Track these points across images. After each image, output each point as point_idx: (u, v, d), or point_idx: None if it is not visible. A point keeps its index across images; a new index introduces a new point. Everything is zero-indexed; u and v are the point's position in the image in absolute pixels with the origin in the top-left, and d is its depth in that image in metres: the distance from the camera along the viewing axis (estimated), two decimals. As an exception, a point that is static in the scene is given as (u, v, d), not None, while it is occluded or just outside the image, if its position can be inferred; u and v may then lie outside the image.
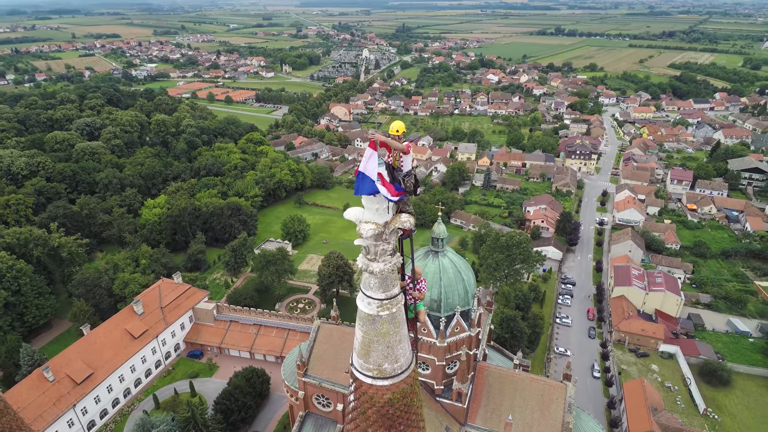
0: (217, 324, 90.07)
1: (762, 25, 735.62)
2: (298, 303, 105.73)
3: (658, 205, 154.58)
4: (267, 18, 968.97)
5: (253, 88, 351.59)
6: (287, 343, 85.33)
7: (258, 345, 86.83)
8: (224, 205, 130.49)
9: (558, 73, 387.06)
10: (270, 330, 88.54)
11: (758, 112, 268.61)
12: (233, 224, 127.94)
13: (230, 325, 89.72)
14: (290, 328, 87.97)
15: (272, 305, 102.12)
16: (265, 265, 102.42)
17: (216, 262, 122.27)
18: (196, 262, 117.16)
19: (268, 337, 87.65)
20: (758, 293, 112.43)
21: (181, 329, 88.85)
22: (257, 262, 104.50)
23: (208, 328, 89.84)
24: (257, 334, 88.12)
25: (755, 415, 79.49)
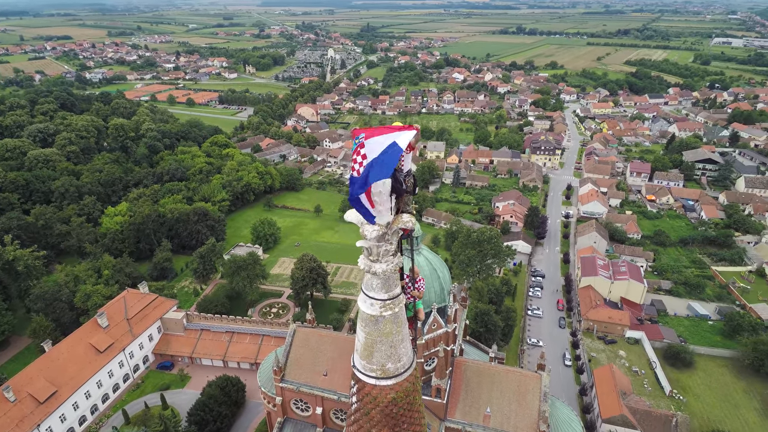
0: (188, 333, 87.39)
1: (710, 23, 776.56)
2: (272, 308, 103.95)
3: (620, 197, 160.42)
4: (228, 18, 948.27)
5: (216, 90, 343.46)
6: (262, 349, 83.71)
7: (231, 353, 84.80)
8: (190, 211, 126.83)
9: (521, 71, 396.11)
10: (243, 337, 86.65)
11: (709, 106, 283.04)
12: (200, 230, 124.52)
13: (201, 333, 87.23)
14: (264, 334, 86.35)
15: (244, 311, 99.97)
16: (236, 271, 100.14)
17: (184, 269, 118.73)
18: (162, 270, 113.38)
19: (242, 344, 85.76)
20: (715, 278, 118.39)
21: (150, 341, 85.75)
22: (227, 268, 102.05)
23: (178, 338, 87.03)
24: (230, 342, 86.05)
25: (717, 394, 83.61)
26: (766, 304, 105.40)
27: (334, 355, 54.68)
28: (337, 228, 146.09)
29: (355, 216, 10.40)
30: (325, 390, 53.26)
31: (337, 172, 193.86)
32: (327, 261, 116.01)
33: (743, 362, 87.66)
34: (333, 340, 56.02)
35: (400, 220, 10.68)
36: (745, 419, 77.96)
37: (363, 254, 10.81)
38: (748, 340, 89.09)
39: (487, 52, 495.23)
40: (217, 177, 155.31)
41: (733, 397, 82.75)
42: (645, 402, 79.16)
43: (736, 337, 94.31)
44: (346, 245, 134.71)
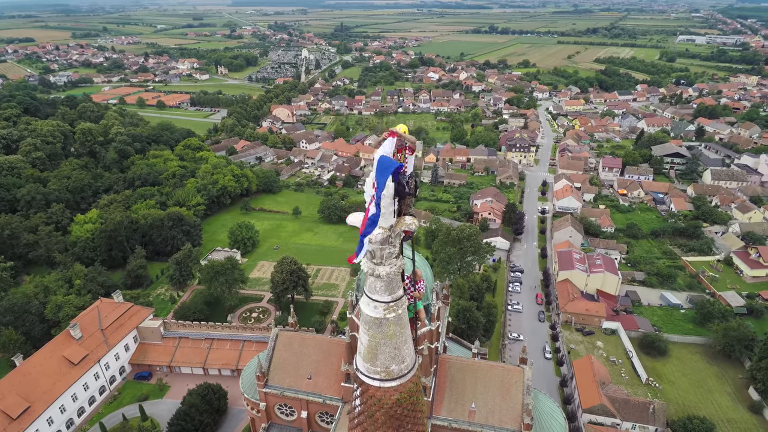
0: (165, 342, 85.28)
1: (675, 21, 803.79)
2: (252, 312, 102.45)
3: (593, 191, 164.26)
4: (197, 18, 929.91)
5: (188, 92, 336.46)
6: (243, 354, 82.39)
7: (211, 360, 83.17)
8: (164, 216, 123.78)
9: (494, 70, 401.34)
10: (223, 343, 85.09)
11: (675, 102, 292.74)
12: (175, 235, 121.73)
13: (180, 341, 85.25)
14: (245, 339, 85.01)
15: (224, 317, 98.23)
16: (214, 276, 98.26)
17: (159, 276, 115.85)
18: (136, 278, 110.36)
19: (222, 351, 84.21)
20: (685, 268, 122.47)
21: (126, 351, 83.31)
22: (205, 274, 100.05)
23: (155, 347, 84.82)
24: (210, 349, 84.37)
25: (690, 380, 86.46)
26: (734, 292, 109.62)
27: (318, 357, 54.18)
28: (317, 230, 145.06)
29: (359, 220, 10.43)
30: (310, 393, 52.76)
31: (314, 173, 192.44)
32: (307, 263, 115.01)
33: (714, 348, 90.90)
34: (316, 343, 55.51)
35: (403, 222, 10.76)
36: (718, 403, 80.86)
37: (366, 257, 10.71)
38: (718, 327, 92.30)
39: (461, 52, 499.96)
40: (192, 181, 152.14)
41: (706, 382, 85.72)
42: (623, 391, 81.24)
43: (707, 324, 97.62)
44: (326, 247, 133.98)
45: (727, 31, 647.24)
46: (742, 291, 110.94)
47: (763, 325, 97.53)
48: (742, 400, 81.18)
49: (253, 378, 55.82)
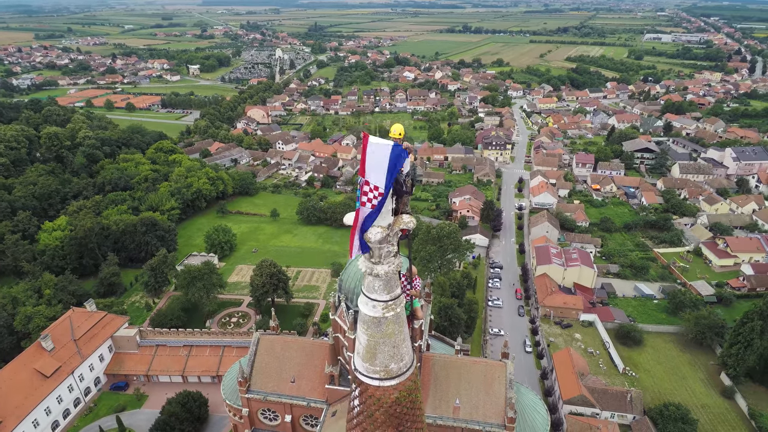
0: (142, 350, 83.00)
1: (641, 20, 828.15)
2: (231, 317, 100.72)
3: (567, 187, 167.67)
4: (167, 18, 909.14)
5: (158, 93, 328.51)
6: (223, 360, 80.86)
7: (191, 367, 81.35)
8: (137, 222, 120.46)
9: (469, 69, 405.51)
10: (203, 349, 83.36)
11: (643, 98, 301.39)
12: (149, 241, 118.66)
13: (157, 349, 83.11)
14: (225, 345, 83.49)
15: (202, 323, 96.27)
16: (191, 282, 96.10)
17: (133, 283, 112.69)
18: (110, 286, 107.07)
19: (202, 357, 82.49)
20: (657, 259, 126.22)
21: (100, 361, 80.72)
22: (181, 280, 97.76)
23: (131, 356, 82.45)
24: (189, 356, 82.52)
25: (665, 367, 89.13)
26: (704, 282, 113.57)
27: (301, 360, 53.56)
28: (296, 231, 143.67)
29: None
30: (294, 397, 52.12)
31: (292, 174, 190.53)
32: (287, 265, 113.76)
33: (687, 336, 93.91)
34: (299, 346, 54.85)
35: (401, 221, 10.80)
36: (692, 390, 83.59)
37: (364, 256, 10.73)
38: (690, 316, 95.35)
39: (436, 51, 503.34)
40: (165, 185, 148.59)
41: (680, 369, 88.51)
42: (601, 381, 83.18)
43: (679, 313, 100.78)
44: (306, 248, 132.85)
45: (691, 29, 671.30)
46: (711, 280, 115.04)
47: (732, 313, 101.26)
48: (714, 385, 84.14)
49: (234, 384, 54.80)
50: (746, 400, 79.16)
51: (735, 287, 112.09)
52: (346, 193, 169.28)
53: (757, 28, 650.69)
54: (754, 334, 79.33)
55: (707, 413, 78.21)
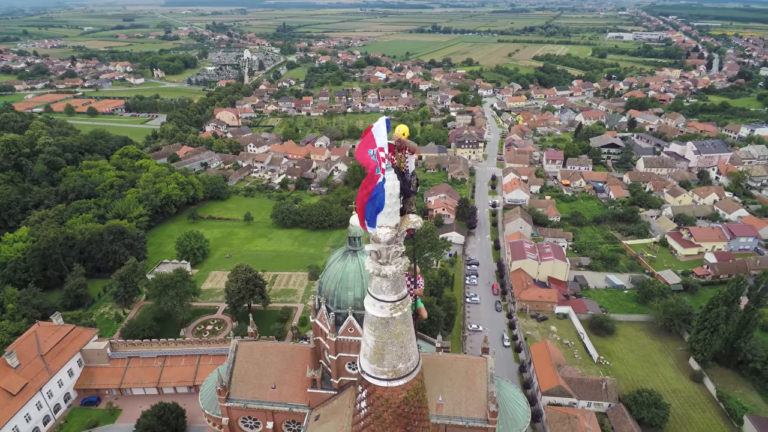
0: (113, 363, 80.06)
1: (604, 19, 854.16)
2: (207, 325, 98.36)
3: (539, 183, 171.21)
4: (128, 19, 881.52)
5: (122, 97, 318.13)
6: (200, 370, 78.87)
7: (166, 378, 78.98)
8: (104, 230, 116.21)
9: (440, 68, 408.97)
10: (178, 359, 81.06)
11: (608, 95, 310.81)
12: (117, 250, 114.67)
13: (129, 361, 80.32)
14: (201, 354, 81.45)
15: (176, 333, 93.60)
16: (163, 290, 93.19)
17: (102, 294, 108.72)
18: (76, 298, 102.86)
19: (177, 368, 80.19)
20: (626, 251, 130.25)
21: (70, 376, 77.43)
22: (153, 288, 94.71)
23: (102, 369, 79.41)
24: (163, 367, 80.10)
25: (637, 355, 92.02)
26: (670, 271, 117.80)
27: (281, 366, 52.75)
28: (271, 235, 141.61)
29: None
30: (275, 403, 51.32)
31: (265, 177, 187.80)
32: (263, 270, 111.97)
33: (656, 324, 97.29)
34: (279, 351, 54.02)
35: (408, 220, 10.85)
36: (663, 375, 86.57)
37: (370, 257, 10.65)
38: (658, 304, 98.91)
39: (407, 51, 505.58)
40: (132, 191, 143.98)
41: (651, 356, 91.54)
42: (577, 371, 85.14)
43: (648, 302, 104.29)
44: (282, 252, 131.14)
45: (651, 27, 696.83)
46: (677, 269, 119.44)
47: (698, 300, 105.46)
48: (683, 370, 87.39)
49: (213, 392, 53.51)
50: (714, 383, 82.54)
51: (699, 275, 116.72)
52: (321, 194, 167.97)
53: (713, 26, 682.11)
54: (720, 320, 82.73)
55: (678, 397, 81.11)
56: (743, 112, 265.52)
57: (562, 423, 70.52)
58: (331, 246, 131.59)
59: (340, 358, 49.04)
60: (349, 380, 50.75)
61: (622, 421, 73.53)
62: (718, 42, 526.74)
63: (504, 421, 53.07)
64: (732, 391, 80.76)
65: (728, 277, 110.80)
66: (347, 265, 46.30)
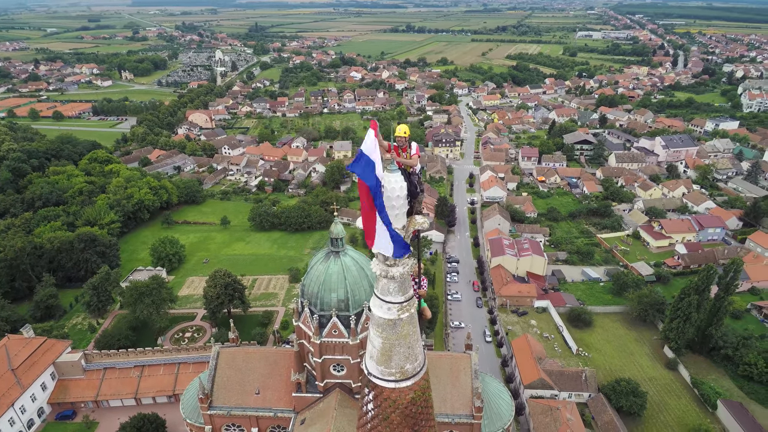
0: (89, 375, 77.47)
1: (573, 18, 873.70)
2: (185, 332, 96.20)
3: (515, 180, 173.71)
4: (94, 20, 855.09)
5: (89, 100, 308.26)
6: (180, 378, 76.99)
7: (144, 388, 76.84)
8: (74, 238, 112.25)
9: (415, 68, 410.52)
10: (156, 369, 78.97)
11: (579, 93, 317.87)
12: (89, 258, 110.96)
13: (105, 373, 77.86)
14: (180, 362, 79.54)
15: (153, 341, 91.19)
16: (138, 298, 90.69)
17: (74, 305, 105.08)
18: (47, 309, 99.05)
19: (155, 377, 78.12)
20: (600, 244, 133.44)
21: (43, 390, 74.53)
22: (127, 297, 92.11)
23: (77, 382, 76.74)
24: (141, 377, 77.91)
25: (614, 346, 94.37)
26: (643, 262, 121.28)
27: (265, 371, 51.96)
28: (249, 238, 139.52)
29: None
30: (259, 409, 50.52)
31: (241, 179, 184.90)
32: (242, 274, 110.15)
33: (632, 315, 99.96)
34: (262, 356, 53.20)
35: (416, 221, 10.91)
36: (639, 364, 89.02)
37: (377, 259, 10.55)
38: (633, 295, 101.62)
39: (382, 51, 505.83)
40: (102, 197, 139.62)
41: (627, 347, 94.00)
42: (558, 363, 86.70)
43: (623, 293, 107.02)
44: (261, 255, 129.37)
45: (618, 26, 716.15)
46: (649, 261, 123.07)
47: (671, 290, 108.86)
48: (659, 359, 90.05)
49: (195, 401, 52.32)
50: (688, 370, 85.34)
51: (671, 266, 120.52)
52: (299, 196, 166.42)
53: (678, 24, 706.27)
54: (692, 309, 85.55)
55: (654, 385, 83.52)
56: (708, 107, 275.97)
57: (544, 415, 71.71)
58: (311, 248, 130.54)
59: (325, 361, 48.62)
60: (334, 382, 50.39)
61: (602, 410, 75.26)
62: (682, 40, 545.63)
63: (489, 416, 53.64)
64: (705, 377, 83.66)
65: (698, 266, 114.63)
66: (330, 266, 45.90)
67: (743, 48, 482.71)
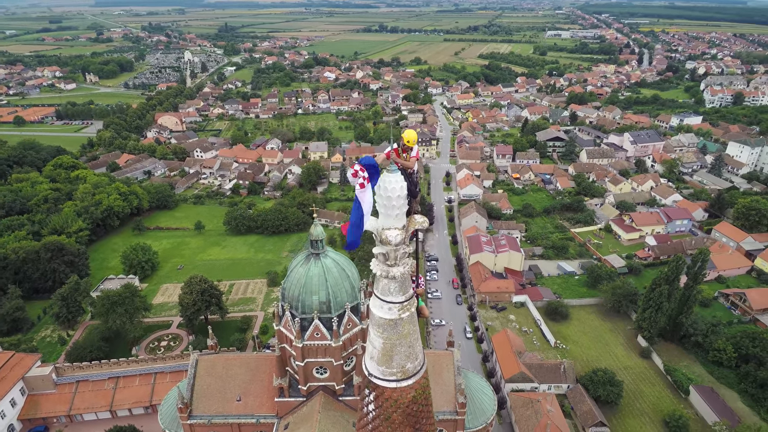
0: (60, 389, 74.57)
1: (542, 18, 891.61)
2: (161, 341, 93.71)
3: (491, 178, 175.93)
4: (55, 21, 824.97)
5: (52, 104, 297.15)
6: (157, 388, 74.95)
7: (119, 400, 74.48)
8: (40, 247, 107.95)
9: (389, 68, 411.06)
10: (131, 379, 76.65)
11: (550, 91, 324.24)
12: (56, 268, 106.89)
13: (78, 386, 75.10)
14: (157, 371, 77.43)
15: (128, 351, 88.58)
16: (110, 308, 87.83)
17: (42, 317, 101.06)
18: (14, 322, 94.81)
19: (131, 388, 75.82)
20: (574, 238, 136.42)
21: (12, 406, 71.29)
22: (99, 307, 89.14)
23: (48, 396, 73.75)
24: (116, 388, 75.49)
25: (590, 337, 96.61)
26: (615, 255, 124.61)
27: (246, 377, 51.00)
28: (224, 243, 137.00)
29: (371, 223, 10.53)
30: (241, 416, 49.59)
31: (214, 183, 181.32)
32: (218, 279, 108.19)
33: (606, 306, 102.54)
34: (242, 362, 52.21)
35: (415, 221, 11.03)
36: (615, 354, 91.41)
37: (377, 260, 10.56)
38: (607, 287, 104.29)
39: (355, 51, 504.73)
40: (69, 204, 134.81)
41: (603, 337, 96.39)
42: (537, 356, 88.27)
43: (597, 286, 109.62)
44: (238, 260, 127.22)
45: (586, 25, 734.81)
46: (621, 253, 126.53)
47: (642, 281, 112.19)
48: (633, 348, 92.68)
49: (174, 411, 50.96)
50: (661, 357, 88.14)
51: (642, 257, 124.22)
52: (276, 198, 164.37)
53: (642, 23, 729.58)
54: (663, 298, 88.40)
55: (630, 374, 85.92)
56: (672, 103, 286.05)
57: (525, 408, 72.88)
58: (289, 251, 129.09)
59: (308, 364, 48.08)
60: (318, 385, 49.89)
61: (581, 400, 76.98)
62: (647, 38, 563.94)
63: (472, 411, 54.11)
64: (677, 364, 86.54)
65: (667, 257, 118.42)
66: (311, 269, 45.38)
67: (705, 45, 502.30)
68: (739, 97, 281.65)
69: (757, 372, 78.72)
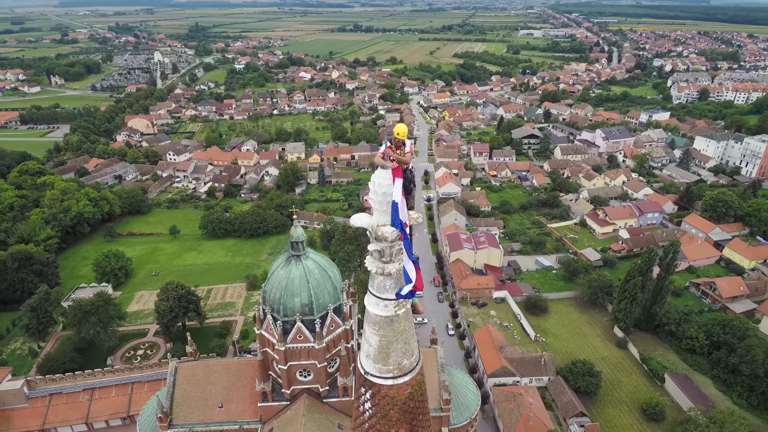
0: (33, 403, 71.79)
1: (515, 17, 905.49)
2: (137, 350, 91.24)
3: (468, 176, 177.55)
4: (17, 22, 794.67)
5: (15, 108, 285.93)
6: (134, 398, 72.94)
7: (95, 412, 72.19)
8: (6, 257, 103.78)
9: (365, 67, 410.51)
10: (108, 390, 74.39)
11: (524, 89, 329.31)
12: (25, 278, 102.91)
13: (51, 399, 72.45)
14: (134, 381, 75.35)
15: (103, 362, 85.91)
16: (83, 318, 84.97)
17: (10, 329, 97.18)
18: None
19: (107, 399, 73.60)
20: (551, 234, 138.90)
21: (-23, 426, 68.29)
22: (71, 317, 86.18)
23: (20, 411, 70.88)
24: (91, 400, 73.14)
25: (569, 330, 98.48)
26: (591, 249, 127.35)
27: (227, 383, 50.02)
28: (201, 247, 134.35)
29: (366, 220, 10.55)
30: (223, 423, 48.63)
31: (189, 186, 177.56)
32: (196, 285, 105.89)
33: (583, 299, 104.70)
34: (223, 368, 51.19)
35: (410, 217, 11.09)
36: (593, 346, 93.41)
37: (372, 257, 10.47)
38: (583, 280, 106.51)
39: (330, 50, 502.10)
40: (37, 211, 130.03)
41: (581, 330, 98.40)
42: (518, 350, 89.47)
43: (574, 279, 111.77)
44: (215, 264, 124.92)
45: (557, 24, 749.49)
46: (596, 247, 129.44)
47: (617, 273, 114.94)
48: (610, 339, 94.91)
49: (153, 421, 49.60)
50: (637, 347, 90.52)
51: (616, 250, 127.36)
52: (253, 201, 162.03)
53: (611, 22, 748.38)
54: (637, 290, 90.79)
55: (607, 364, 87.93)
56: (641, 99, 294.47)
57: (508, 401, 73.80)
58: (268, 253, 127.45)
59: (291, 367, 47.47)
60: (302, 388, 49.34)
61: (561, 392, 78.40)
62: (616, 37, 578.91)
63: (457, 407, 54.42)
64: (653, 353, 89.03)
65: (640, 250, 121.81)
66: (292, 271, 44.79)
67: (671, 43, 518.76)
68: (704, 93, 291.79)
69: (728, 358, 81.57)
